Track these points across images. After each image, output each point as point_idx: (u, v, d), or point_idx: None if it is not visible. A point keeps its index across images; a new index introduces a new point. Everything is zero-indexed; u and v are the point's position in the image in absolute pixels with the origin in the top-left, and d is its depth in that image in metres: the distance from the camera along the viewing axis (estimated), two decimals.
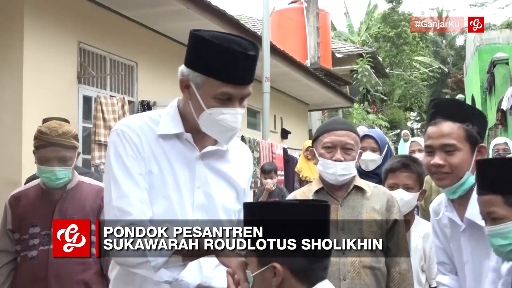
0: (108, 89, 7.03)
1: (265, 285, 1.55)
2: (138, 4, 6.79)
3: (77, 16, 6.39)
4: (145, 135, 1.90)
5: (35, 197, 3.00)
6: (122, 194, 1.83)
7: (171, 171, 1.91)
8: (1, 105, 5.63)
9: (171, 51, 8.20)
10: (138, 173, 1.86)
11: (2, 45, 5.66)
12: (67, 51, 6.28)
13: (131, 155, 1.86)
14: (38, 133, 2.94)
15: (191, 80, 1.84)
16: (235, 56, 1.80)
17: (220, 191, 1.99)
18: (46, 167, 2.89)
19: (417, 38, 31.54)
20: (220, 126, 1.86)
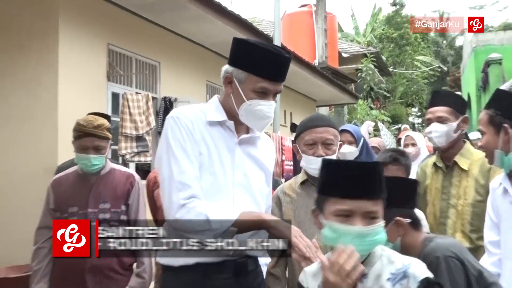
0: (134, 87, 7.08)
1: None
2: (161, 9, 6.81)
3: (107, 20, 6.45)
4: (196, 122, 2.01)
5: (74, 181, 3.10)
6: (182, 170, 1.91)
7: (217, 153, 2.01)
8: (39, 101, 5.69)
9: (190, 51, 8.27)
10: (192, 153, 1.95)
11: (39, 47, 5.73)
12: (98, 52, 6.34)
13: (186, 138, 1.96)
14: (77, 125, 3.05)
15: (234, 76, 2.00)
16: (273, 57, 1.97)
17: (253, 173, 2.10)
18: (83, 154, 3.01)
19: (419, 39, 31.29)
20: (257, 115, 2.00)
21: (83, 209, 3.01)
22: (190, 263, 1.94)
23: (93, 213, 3.01)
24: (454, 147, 2.99)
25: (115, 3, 6.53)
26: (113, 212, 3.07)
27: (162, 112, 7.33)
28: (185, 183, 1.90)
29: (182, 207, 1.88)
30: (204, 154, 1.98)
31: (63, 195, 3.07)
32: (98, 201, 3.05)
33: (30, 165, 5.61)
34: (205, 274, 1.96)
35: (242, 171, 2.07)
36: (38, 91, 5.69)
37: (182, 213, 1.87)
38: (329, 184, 1.56)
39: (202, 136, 2.00)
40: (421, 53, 31.02)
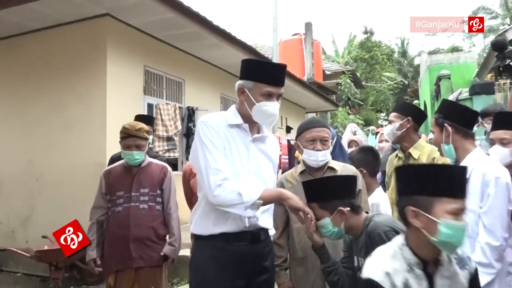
0: (164, 98, 7.10)
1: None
2: (185, 39, 6.86)
3: (143, 47, 6.49)
4: (220, 125, 2.03)
5: (120, 171, 3.11)
6: (216, 159, 1.94)
7: (236, 148, 2.03)
8: (91, 111, 5.73)
9: (208, 71, 8.28)
10: (220, 147, 1.98)
11: (92, 69, 5.78)
12: (136, 72, 6.39)
13: (214, 136, 1.98)
14: (123, 129, 3.07)
15: (245, 87, 2.04)
16: (272, 67, 2.07)
17: (264, 163, 2.13)
18: (128, 151, 3.02)
19: (385, 59, 31.06)
20: (265, 114, 2.02)
21: (128, 192, 3.02)
22: (216, 233, 1.97)
23: (136, 196, 3.02)
24: (407, 141, 2.99)
25: (150, 35, 6.57)
26: (151, 195, 3.07)
27: (186, 118, 7.37)
28: (219, 169, 1.92)
29: (219, 187, 1.89)
30: (227, 148, 2.00)
31: (112, 182, 3.08)
32: (139, 186, 3.05)
33: (85, 160, 5.66)
34: (228, 241, 1.98)
35: (256, 162, 2.09)
36: (91, 103, 5.74)
37: (219, 191, 1.89)
38: (443, 185, 1.41)
39: (225, 135, 2.02)
40: (387, 70, 30.73)
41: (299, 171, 2.59)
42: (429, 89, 15.87)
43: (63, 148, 5.84)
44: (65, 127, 5.86)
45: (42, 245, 5.29)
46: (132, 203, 3.00)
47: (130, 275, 2.92)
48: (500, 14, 27.78)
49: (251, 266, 2.04)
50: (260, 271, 2.08)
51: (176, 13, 5.84)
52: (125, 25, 6.09)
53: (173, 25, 6.20)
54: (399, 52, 36.50)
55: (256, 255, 2.06)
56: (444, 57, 16.13)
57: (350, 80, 19.69)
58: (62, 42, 5.95)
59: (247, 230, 2.01)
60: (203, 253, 2.02)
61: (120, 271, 2.94)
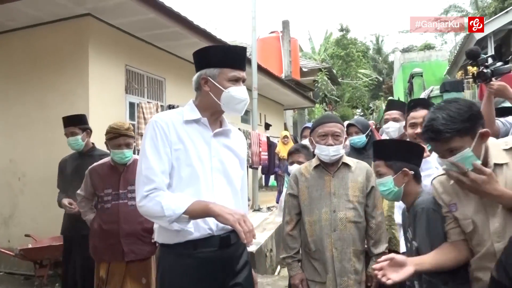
0: (146, 97, 7.15)
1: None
2: (166, 38, 6.93)
3: (125, 47, 6.53)
4: (172, 123, 1.88)
5: (107, 170, 3.17)
6: (149, 167, 1.80)
7: (193, 146, 1.89)
8: (74, 109, 5.52)
9: (188, 70, 8.13)
10: (163, 151, 1.83)
11: (75, 67, 5.80)
12: (118, 71, 6.42)
13: (159, 138, 1.84)
14: (112, 129, 3.11)
15: (208, 75, 1.91)
16: (234, 51, 1.94)
17: (229, 159, 1.99)
18: (118, 150, 3.09)
19: (361, 56, 31.55)
20: (236, 99, 1.90)
21: (116, 190, 3.10)
22: (182, 241, 1.85)
23: (124, 193, 3.11)
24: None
25: (131, 34, 6.62)
26: None
27: None
28: (149, 178, 1.79)
29: (145, 198, 1.78)
30: (181, 149, 1.86)
31: (99, 181, 3.14)
32: (126, 184, 3.12)
33: None
34: (195, 248, 1.86)
35: (219, 159, 1.94)
36: (74, 101, 5.76)
37: (144, 202, 1.79)
38: None
39: (178, 134, 1.87)
40: (362, 67, 31.22)
41: (313, 165, 2.58)
42: (403, 86, 16.22)
43: (46, 147, 5.86)
44: (48, 125, 5.87)
45: (26, 243, 5.34)
46: (121, 200, 3.10)
47: (121, 268, 3.02)
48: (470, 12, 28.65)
49: (221, 272, 1.90)
50: (233, 275, 1.95)
51: (157, 13, 5.91)
52: (107, 25, 6.14)
53: (154, 25, 6.27)
54: (374, 49, 37.12)
55: (226, 259, 1.92)
56: (417, 55, 16.56)
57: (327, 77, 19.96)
58: (44, 41, 5.96)
59: (216, 235, 1.88)
60: (169, 261, 1.89)
61: (112, 263, 3.03)
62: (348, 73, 29.57)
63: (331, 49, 30.05)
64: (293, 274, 2.52)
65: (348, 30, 32.33)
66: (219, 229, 1.89)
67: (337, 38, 31.25)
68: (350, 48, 29.94)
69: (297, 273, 2.52)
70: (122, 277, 3.01)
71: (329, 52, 29.72)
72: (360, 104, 31.16)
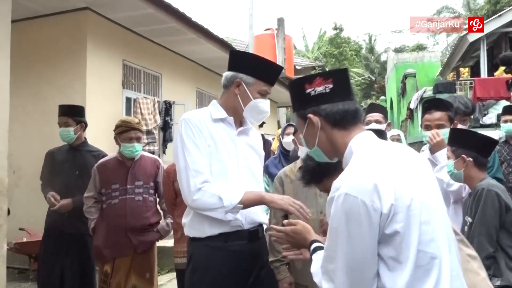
0: (142, 92, 7.16)
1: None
2: (163, 34, 6.93)
3: (122, 42, 6.53)
4: (204, 121, 1.98)
5: (114, 165, 3.19)
6: (195, 160, 1.88)
7: (222, 143, 1.99)
8: (72, 102, 5.44)
9: (184, 65, 8.36)
10: (202, 146, 1.92)
11: (72, 61, 5.79)
12: (115, 66, 6.42)
13: (196, 134, 1.93)
14: (123, 122, 3.14)
15: (243, 81, 2.00)
16: (273, 68, 2.07)
17: (251, 156, 2.12)
18: (129, 144, 3.10)
19: (353, 55, 31.67)
20: (259, 110, 2.02)
21: (123, 185, 3.13)
22: (215, 233, 1.93)
23: (131, 188, 3.14)
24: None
25: (129, 29, 6.62)
26: (145, 187, 3.19)
27: (163, 112, 7.44)
28: (198, 171, 1.87)
29: (199, 190, 1.85)
30: (212, 145, 1.95)
31: (107, 176, 3.17)
32: (134, 179, 3.16)
33: None
34: (226, 241, 1.94)
35: (244, 156, 2.05)
36: (71, 96, 5.73)
37: (199, 195, 1.84)
38: None
39: (209, 131, 1.97)
40: (355, 66, 31.37)
41: (298, 166, 2.57)
42: (396, 86, 16.33)
43: (42, 140, 5.82)
44: (44, 119, 5.84)
45: (20, 237, 5.32)
46: (128, 195, 3.12)
47: (127, 262, 3.06)
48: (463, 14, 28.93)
49: (250, 265, 2.00)
50: (260, 268, 2.06)
51: (156, 8, 5.92)
52: (105, 19, 6.12)
53: (153, 20, 6.27)
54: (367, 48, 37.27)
55: (254, 252, 2.03)
56: (410, 56, 16.68)
57: None
58: (42, 34, 5.93)
59: (245, 228, 1.99)
60: (201, 254, 1.96)
61: (117, 258, 3.06)
62: None
63: (324, 48, 30.13)
64: (281, 277, 2.45)
65: (342, 29, 32.43)
66: (247, 222, 2.00)
67: (331, 37, 31.34)
68: (344, 47, 30.02)
69: (285, 276, 2.46)
70: (127, 272, 3.05)
71: (323, 51, 29.80)
72: None
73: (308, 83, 1.37)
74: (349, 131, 1.34)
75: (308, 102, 1.37)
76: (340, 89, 1.35)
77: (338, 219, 1.18)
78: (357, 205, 1.14)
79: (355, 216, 1.15)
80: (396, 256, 1.16)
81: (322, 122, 1.35)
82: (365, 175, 1.17)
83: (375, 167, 1.19)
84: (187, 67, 8.45)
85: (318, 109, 1.35)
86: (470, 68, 14.57)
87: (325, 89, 1.34)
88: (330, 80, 1.34)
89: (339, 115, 1.33)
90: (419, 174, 1.25)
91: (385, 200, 1.14)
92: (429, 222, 1.18)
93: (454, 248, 1.26)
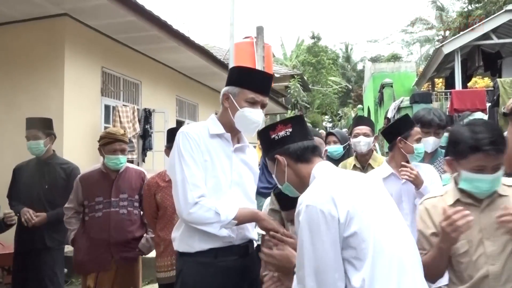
0: (122, 100, 7.05)
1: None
2: (144, 42, 6.86)
3: (101, 49, 6.43)
4: (201, 135, 1.96)
5: (98, 177, 3.11)
6: (193, 174, 1.87)
7: (218, 159, 1.96)
8: (48, 111, 5.39)
9: (164, 73, 8.30)
10: (199, 161, 1.90)
11: (49, 68, 5.66)
12: (94, 73, 6.31)
13: (194, 148, 1.91)
14: (107, 134, 3.07)
15: (230, 93, 1.99)
16: (258, 75, 2.05)
17: (246, 174, 2.08)
18: (113, 155, 3.04)
19: (331, 64, 32.02)
20: (248, 120, 1.97)
21: (107, 198, 3.05)
22: (205, 249, 1.90)
23: (115, 201, 3.07)
24: (368, 154, 3.35)
25: (108, 36, 6.52)
26: (129, 200, 3.12)
27: (142, 120, 7.34)
28: (196, 184, 1.86)
29: (196, 204, 1.83)
30: (208, 160, 1.93)
31: (90, 188, 3.08)
32: (118, 192, 3.09)
33: None
34: (216, 256, 1.92)
35: (238, 173, 2.02)
36: (48, 103, 5.61)
37: (196, 208, 1.83)
38: None
39: (206, 146, 1.95)
40: (332, 74, 31.68)
41: None
42: (373, 95, 16.50)
43: (15, 150, 5.62)
44: (17, 128, 5.62)
45: None
46: (112, 208, 3.05)
47: (110, 277, 2.99)
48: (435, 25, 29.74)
49: (240, 281, 1.98)
50: (250, 284, 2.03)
51: (137, 16, 5.85)
52: (84, 26, 6.01)
53: (133, 28, 6.20)
54: (343, 57, 37.85)
55: (244, 268, 2.00)
56: (387, 66, 16.95)
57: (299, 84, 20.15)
58: (17, 40, 5.78)
59: (236, 244, 1.97)
60: (190, 270, 1.93)
61: (101, 272, 2.99)
62: (318, 80, 29.89)
63: (302, 56, 30.35)
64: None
65: (320, 37, 32.78)
66: (238, 238, 1.97)
67: (309, 45, 31.63)
68: (321, 56, 30.32)
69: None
70: (110, 286, 2.98)
71: (301, 59, 29.99)
72: (329, 110, 31.61)
73: (272, 131, 1.63)
74: (311, 163, 1.58)
75: (273, 146, 1.63)
76: (298, 131, 1.62)
77: (302, 228, 1.37)
78: (316, 214, 1.34)
79: (315, 224, 1.34)
80: (357, 255, 1.33)
81: (287, 159, 1.59)
82: (323, 190, 1.39)
83: (332, 184, 1.42)
84: (167, 74, 8.39)
85: (282, 150, 1.60)
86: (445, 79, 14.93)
87: (286, 133, 1.61)
88: (289, 125, 1.61)
89: (300, 151, 1.58)
90: (370, 190, 1.47)
91: (340, 208, 1.33)
92: (382, 225, 1.37)
93: (415, 250, 1.47)
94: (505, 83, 8.48)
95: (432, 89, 15.22)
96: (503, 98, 8.09)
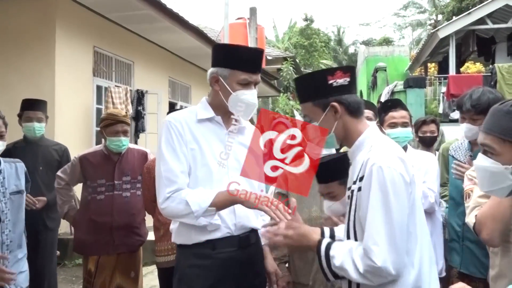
0: (114, 81, 6.95)
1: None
2: (137, 21, 6.74)
3: (93, 27, 6.31)
4: (186, 123, 1.85)
5: (100, 159, 3.04)
6: (168, 168, 1.78)
7: (208, 146, 1.85)
8: (39, 90, 5.41)
9: (157, 54, 8.19)
10: (180, 151, 1.80)
11: (40, 47, 5.56)
12: (86, 53, 6.22)
13: (175, 139, 1.81)
14: (109, 115, 3.02)
15: (219, 75, 1.84)
16: (248, 53, 1.89)
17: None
18: (116, 137, 2.97)
19: (323, 47, 31.87)
20: (243, 103, 1.84)
21: (110, 181, 3.01)
22: (202, 241, 1.83)
23: (118, 184, 3.02)
24: None
25: (101, 14, 6.39)
26: (132, 182, 3.07)
27: (135, 101, 7.26)
28: (170, 179, 1.78)
29: (167, 199, 1.77)
30: (195, 149, 1.83)
31: (93, 170, 3.03)
32: (121, 174, 3.03)
33: None
34: (214, 248, 1.84)
35: (235, 157, 1.90)
36: (39, 82, 5.54)
37: (167, 203, 1.77)
38: None
39: (192, 134, 1.84)
40: (324, 57, 31.56)
41: None
42: (366, 79, 16.48)
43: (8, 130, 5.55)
44: (8, 107, 5.46)
45: None
46: (116, 192, 3.01)
47: (111, 261, 2.96)
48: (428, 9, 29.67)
49: (239, 272, 1.88)
50: (252, 277, 1.95)
51: None
52: (76, 4, 5.88)
53: (126, 6, 6.06)
54: (335, 40, 37.62)
55: (245, 259, 1.90)
56: (381, 49, 16.89)
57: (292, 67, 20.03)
58: (7, 18, 5.63)
59: (235, 235, 1.88)
60: (187, 262, 1.87)
61: (102, 257, 2.96)
62: (310, 63, 29.77)
63: (295, 38, 30.13)
64: (279, 276, 2.36)
65: (312, 20, 32.49)
66: (238, 228, 1.88)
67: (301, 28, 31.37)
68: (314, 39, 30.11)
69: (284, 275, 2.38)
70: (111, 271, 2.95)
71: (293, 41, 29.78)
72: None
73: (330, 75, 1.50)
74: (360, 120, 1.53)
75: (329, 92, 1.50)
76: (353, 83, 1.54)
77: (376, 190, 1.35)
78: (398, 176, 1.35)
79: (397, 187, 1.34)
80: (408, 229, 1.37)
81: (342, 110, 1.50)
82: (394, 154, 1.40)
83: (397, 149, 1.44)
84: (160, 55, 8.27)
85: (340, 99, 1.50)
86: (438, 63, 14.94)
87: (344, 81, 1.51)
88: (348, 74, 1.51)
89: (356, 105, 1.51)
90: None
91: (408, 175, 1.37)
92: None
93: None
94: (502, 69, 8.50)
95: (425, 74, 15.24)
96: (500, 84, 8.12)
